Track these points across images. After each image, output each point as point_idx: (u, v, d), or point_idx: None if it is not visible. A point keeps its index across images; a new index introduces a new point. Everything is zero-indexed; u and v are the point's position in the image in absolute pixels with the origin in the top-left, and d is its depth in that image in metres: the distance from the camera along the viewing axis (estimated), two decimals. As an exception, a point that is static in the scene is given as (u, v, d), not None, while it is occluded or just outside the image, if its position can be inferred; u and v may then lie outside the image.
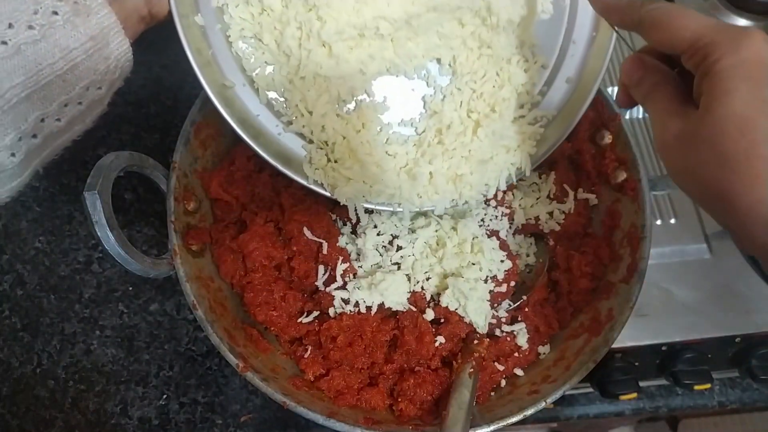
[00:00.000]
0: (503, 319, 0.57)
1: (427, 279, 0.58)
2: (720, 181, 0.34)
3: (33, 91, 0.39)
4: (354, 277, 0.57)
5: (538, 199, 0.62)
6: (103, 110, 0.46)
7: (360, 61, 0.51)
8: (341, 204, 0.54)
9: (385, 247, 0.58)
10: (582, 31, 0.55)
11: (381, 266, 0.58)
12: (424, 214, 0.58)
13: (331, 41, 0.49)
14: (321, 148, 0.53)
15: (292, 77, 0.51)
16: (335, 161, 0.53)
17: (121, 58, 0.44)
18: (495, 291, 0.57)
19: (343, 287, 0.56)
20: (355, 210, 0.56)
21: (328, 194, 0.54)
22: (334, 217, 0.60)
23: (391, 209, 0.55)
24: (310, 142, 0.53)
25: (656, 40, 0.39)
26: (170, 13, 0.46)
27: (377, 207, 0.55)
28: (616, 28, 0.43)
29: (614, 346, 0.53)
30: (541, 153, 0.56)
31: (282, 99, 0.52)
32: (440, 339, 0.55)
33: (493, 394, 0.56)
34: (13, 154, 0.40)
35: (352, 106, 0.53)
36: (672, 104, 0.38)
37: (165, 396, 0.64)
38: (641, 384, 0.64)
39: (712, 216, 0.37)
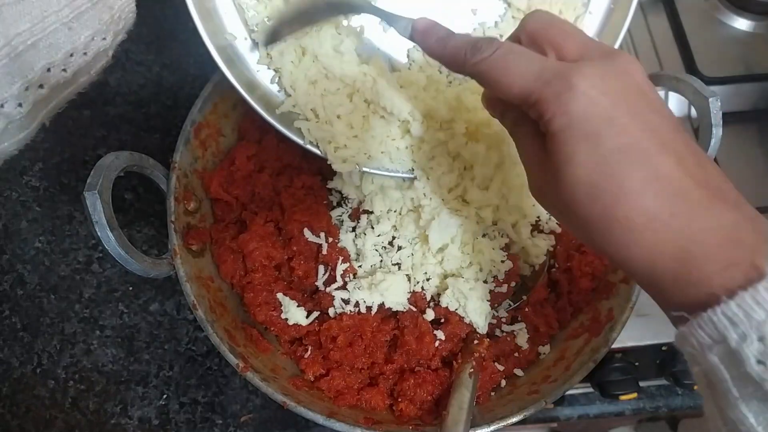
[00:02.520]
0: (503, 319, 0.57)
1: (427, 279, 0.57)
2: (591, 239, 0.32)
3: (39, 39, 0.39)
4: (354, 277, 0.57)
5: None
6: (108, 62, 0.47)
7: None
8: (335, 173, 0.53)
9: (385, 247, 0.58)
10: (599, 3, 0.55)
11: (381, 266, 0.58)
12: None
13: None
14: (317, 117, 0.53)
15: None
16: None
17: (125, 8, 0.44)
18: (495, 291, 0.57)
19: (343, 287, 0.56)
20: (357, 210, 0.56)
21: (320, 153, 0.52)
22: (333, 219, 0.60)
23: (388, 173, 0.54)
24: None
25: (492, 93, 0.37)
26: None
27: (374, 171, 0.54)
28: None
29: (614, 346, 0.53)
30: None
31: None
32: (439, 334, 0.55)
33: (493, 394, 0.56)
34: (20, 104, 0.40)
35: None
36: (533, 149, 0.35)
37: (165, 396, 0.64)
38: (641, 384, 0.64)
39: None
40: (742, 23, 0.81)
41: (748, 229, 0.29)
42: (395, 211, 0.58)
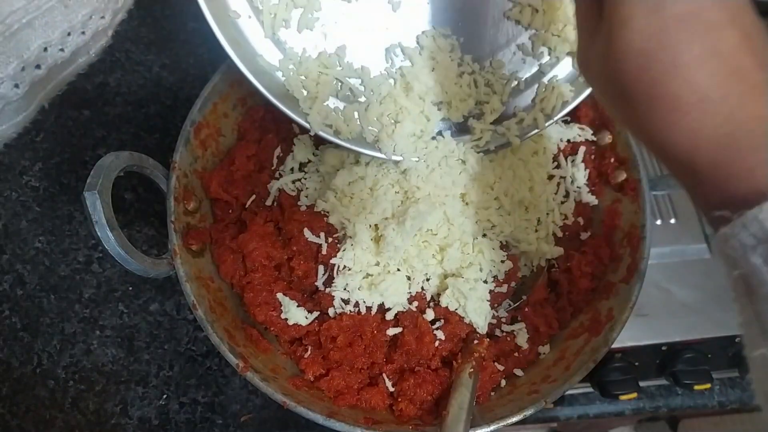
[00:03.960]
0: (503, 319, 0.57)
1: (427, 279, 0.57)
2: (632, 119, 0.30)
3: (34, 17, 0.38)
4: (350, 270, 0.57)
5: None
6: (108, 42, 0.46)
7: None
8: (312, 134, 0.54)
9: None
10: None
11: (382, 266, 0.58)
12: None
13: None
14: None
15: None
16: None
17: None
18: (495, 291, 0.57)
19: (344, 289, 0.56)
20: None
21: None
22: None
23: (363, 150, 0.55)
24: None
25: None
26: None
27: (348, 145, 0.55)
28: None
29: (614, 346, 0.53)
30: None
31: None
32: (439, 334, 0.55)
33: (493, 394, 0.56)
34: (16, 85, 0.40)
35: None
36: (589, 13, 0.33)
37: (165, 396, 0.64)
38: (641, 384, 0.64)
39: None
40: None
41: None
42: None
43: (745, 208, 0.26)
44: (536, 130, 0.56)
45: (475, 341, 0.55)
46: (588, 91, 0.54)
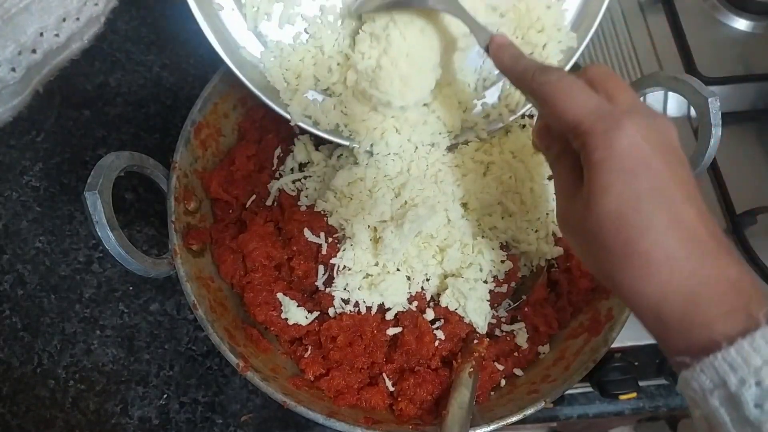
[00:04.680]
0: (503, 319, 0.57)
1: (427, 279, 0.58)
2: (606, 270, 0.35)
3: (31, 2, 0.39)
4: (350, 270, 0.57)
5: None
6: (100, 29, 0.47)
7: None
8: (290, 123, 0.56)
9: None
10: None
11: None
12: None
13: None
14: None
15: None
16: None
17: None
18: (495, 291, 0.57)
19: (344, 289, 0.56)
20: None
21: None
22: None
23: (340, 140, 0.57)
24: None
25: (544, 115, 0.40)
26: None
27: (326, 135, 0.57)
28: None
29: (614, 345, 0.53)
30: None
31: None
32: (439, 334, 0.55)
33: (492, 393, 0.56)
34: (13, 69, 0.40)
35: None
36: (568, 181, 0.39)
37: (165, 396, 0.65)
38: (641, 384, 0.64)
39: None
40: (741, 23, 0.81)
41: (748, 282, 0.32)
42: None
43: (704, 355, 0.30)
44: (501, 125, 0.59)
45: (475, 341, 0.55)
46: None
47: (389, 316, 0.56)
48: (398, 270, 0.57)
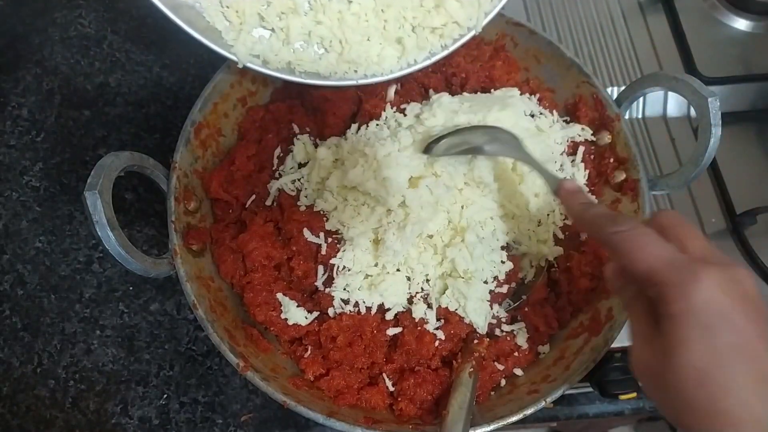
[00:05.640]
0: (503, 319, 0.57)
1: (427, 279, 0.58)
2: (686, 422, 0.34)
3: None
4: (349, 271, 0.57)
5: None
6: None
7: None
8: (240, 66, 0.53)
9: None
10: None
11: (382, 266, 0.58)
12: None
13: None
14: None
15: None
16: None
17: None
18: (495, 291, 0.57)
19: (343, 289, 0.56)
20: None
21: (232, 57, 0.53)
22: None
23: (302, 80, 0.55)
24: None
25: (619, 263, 0.40)
26: None
27: (277, 74, 0.55)
28: None
29: (614, 345, 0.53)
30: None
31: None
32: (439, 334, 0.55)
33: (493, 393, 0.56)
34: None
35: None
36: (645, 324, 0.38)
37: (165, 396, 0.65)
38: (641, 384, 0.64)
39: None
40: (741, 23, 0.81)
41: None
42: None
43: None
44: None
45: (475, 341, 0.55)
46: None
47: (389, 316, 0.56)
48: (398, 270, 0.57)
